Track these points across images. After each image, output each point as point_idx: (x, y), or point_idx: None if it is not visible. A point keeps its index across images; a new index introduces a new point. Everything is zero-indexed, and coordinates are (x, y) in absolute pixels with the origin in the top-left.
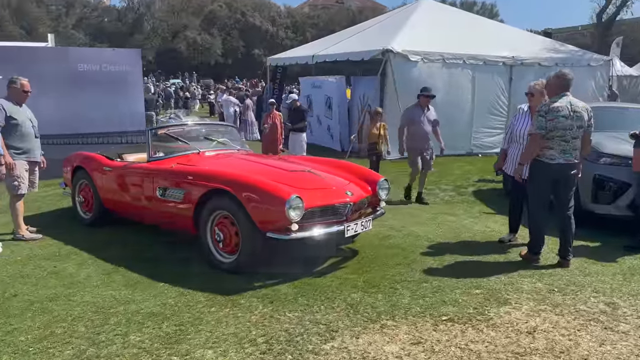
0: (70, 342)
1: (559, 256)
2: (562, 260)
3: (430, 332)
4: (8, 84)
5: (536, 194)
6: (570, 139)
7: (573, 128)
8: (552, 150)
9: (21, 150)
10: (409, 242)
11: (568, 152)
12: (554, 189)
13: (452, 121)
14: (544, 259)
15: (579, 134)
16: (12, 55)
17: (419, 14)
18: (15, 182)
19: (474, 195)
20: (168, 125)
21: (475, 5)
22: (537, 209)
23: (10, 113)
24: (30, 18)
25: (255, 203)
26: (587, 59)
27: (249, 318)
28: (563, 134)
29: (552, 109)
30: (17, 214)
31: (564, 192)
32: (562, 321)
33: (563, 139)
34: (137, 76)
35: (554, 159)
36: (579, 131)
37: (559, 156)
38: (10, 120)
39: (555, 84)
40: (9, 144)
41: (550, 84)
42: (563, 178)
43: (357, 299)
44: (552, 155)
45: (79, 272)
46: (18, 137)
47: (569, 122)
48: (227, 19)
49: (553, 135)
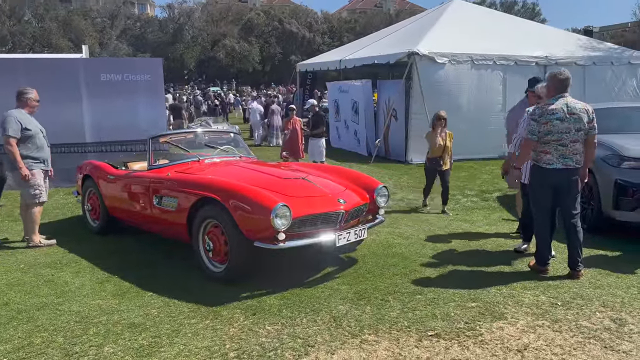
0: (46, 352)
1: (569, 267)
2: (572, 272)
3: (412, 349)
4: (20, 95)
5: (536, 201)
6: (568, 142)
7: (571, 131)
8: (550, 155)
9: (38, 160)
10: (413, 251)
11: (567, 156)
12: (555, 196)
13: (482, 124)
14: (555, 270)
15: (579, 137)
16: (39, 67)
17: (448, 15)
18: (36, 191)
19: (497, 201)
20: (170, 134)
21: (515, 4)
22: (539, 216)
23: (25, 124)
24: (77, 30)
25: (242, 211)
26: (627, 56)
27: (227, 331)
28: (559, 137)
29: (545, 112)
30: (34, 223)
31: (566, 199)
32: (559, 338)
33: (560, 143)
34: (159, 85)
35: (552, 164)
36: (579, 134)
37: (557, 161)
38: (25, 132)
39: (551, 85)
40: (25, 154)
41: (547, 85)
42: (563, 184)
43: (343, 311)
44: (549, 160)
45: (74, 280)
46: (34, 147)
47: (565, 125)
48: (264, 27)
49: (549, 140)
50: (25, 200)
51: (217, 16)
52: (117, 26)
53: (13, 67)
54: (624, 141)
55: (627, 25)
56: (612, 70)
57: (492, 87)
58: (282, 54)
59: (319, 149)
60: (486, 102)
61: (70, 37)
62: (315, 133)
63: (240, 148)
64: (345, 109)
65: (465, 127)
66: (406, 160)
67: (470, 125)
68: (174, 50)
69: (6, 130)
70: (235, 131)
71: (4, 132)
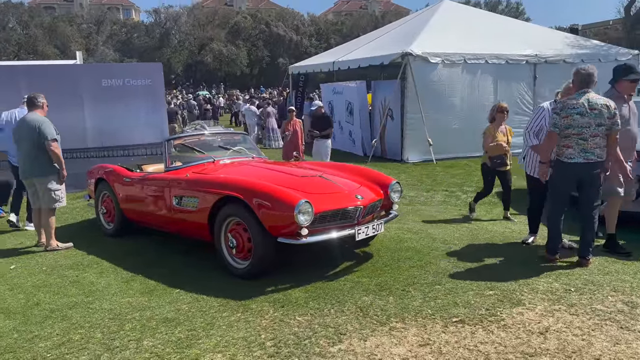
0: (87, 347)
1: (578, 255)
2: (581, 260)
3: (439, 334)
4: (35, 100)
5: (555, 193)
6: (588, 137)
7: (591, 126)
8: (571, 149)
9: None
10: (425, 245)
11: (589, 151)
12: (578, 188)
13: (475, 122)
14: (563, 259)
15: (599, 132)
16: (40, 74)
17: (439, 16)
18: (59, 195)
19: (497, 197)
20: (184, 136)
21: (500, 4)
22: (555, 208)
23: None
24: (63, 37)
25: (266, 209)
26: (613, 53)
27: (260, 322)
28: (580, 131)
29: (566, 106)
30: (52, 227)
31: (588, 191)
32: (577, 321)
33: (581, 137)
34: (159, 89)
35: (573, 158)
36: (599, 129)
37: (578, 155)
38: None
39: (575, 81)
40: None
41: (572, 80)
42: (585, 178)
43: (367, 302)
44: (571, 154)
45: (99, 280)
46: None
47: (585, 120)
48: (251, 30)
49: (569, 134)
50: (48, 205)
51: (203, 20)
52: (103, 32)
53: (13, 74)
54: None
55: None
56: (600, 67)
57: (484, 86)
58: (270, 57)
59: (325, 150)
60: (479, 101)
61: (56, 44)
62: (326, 134)
63: (251, 149)
64: (339, 110)
65: (459, 125)
66: (402, 159)
67: (464, 123)
68: (161, 54)
69: (49, 134)
70: (244, 133)
71: (46, 137)
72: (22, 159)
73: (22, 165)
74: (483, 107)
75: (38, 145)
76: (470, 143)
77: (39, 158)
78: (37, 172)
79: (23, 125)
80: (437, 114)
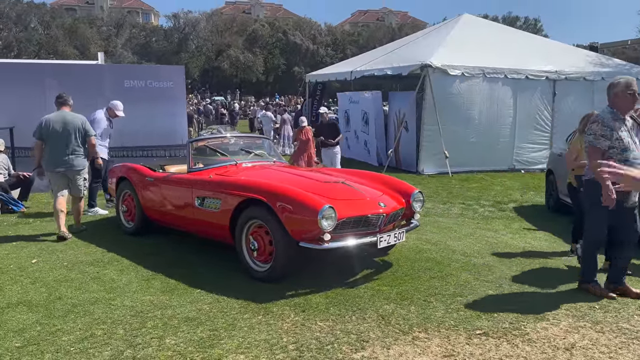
0: (109, 343)
1: (608, 280)
2: (609, 284)
3: (464, 346)
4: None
5: (597, 218)
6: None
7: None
8: None
9: None
10: (445, 256)
11: None
12: (617, 211)
13: (493, 136)
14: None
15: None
16: (64, 73)
17: (459, 29)
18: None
19: (514, 212)
20: (208, 138)
21: (518, 20)
22: (596, 234)
23: None
24: (83, 38)
25: (289, 213)
26: (635, 72)
27: (281, 325)
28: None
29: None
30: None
31: (629, 215)
32: (603, 338)
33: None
34: (181, 92)
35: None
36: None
37: None
38: None
39: None
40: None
41: None
42: (629, 200)
43: (389, 310)
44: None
45: (120, 277)
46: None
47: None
48: (268, 38)
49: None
50: (78, 194)
51: (222, 27)
52: (122, 35)
53: (39, 72)
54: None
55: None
56: None
57: (503, 101)
58: (286, 65)
59: (335, 157)
60: (497, 115)
61: (76, 45)
62: (337, 142)
63: (273, 153)
64: (355, 119)
65: (476, 139)
66: (417, 170)
67: (481, 137)
68: (179, 59)
69: (91, 130)
70: (266, 137)
71: (90, 132)
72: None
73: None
74: (502, 121)
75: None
76: (487, 157)
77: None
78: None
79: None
80: (454, 126)
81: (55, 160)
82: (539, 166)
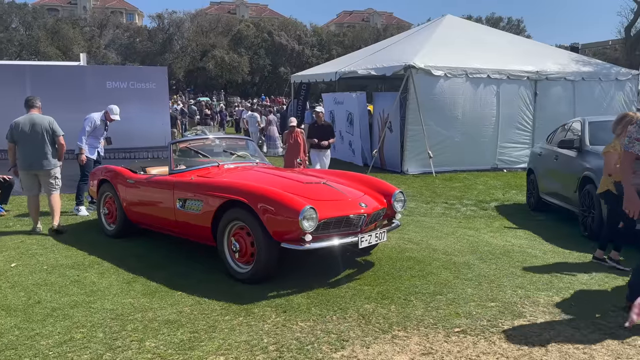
0: (89, 347)
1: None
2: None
3: (442, 344)
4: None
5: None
6: None
7: None
8: None
9: None
10: (426, 255)
11: None
12: None
13: (476, 136)
14: (563, 273)
15: None
16: (45, 74)
17: (442, 30)
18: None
19: (496, 210)
20: (190, 139)
21: (501, 20)
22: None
23: None
24: (66, 39)
25: (270, 214)
26: (614, 72)
27: (262, 327)
28: None
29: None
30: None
31: None
32: (578, 335)
33: None
34: (163, 93)
35: None
36: None
37: None
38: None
39: None
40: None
41: None
42: None
43: (369, 309)
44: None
45: (101, 280)
46: None
47: None
48: (254, 38)
49: None
50: (50, 193)
51: (206, 27)
52: (105, 35)
53: (20, 73)
54: None
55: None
56: (601, 86)
57: (485, 101)
58: (272, 66)
59: (324, 161)
60: (480, 115)
61: (59, 46)
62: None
63: (255, 154)
64: (340, 119)
65: (459, 139)
66: (402, 170)
67: (465, 137)
68: (163, 60)
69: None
70: (249, 138)
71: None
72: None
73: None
74: (485, 121)
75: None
76: (470, 156)
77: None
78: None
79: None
80: (438, 126)
81: (26, 161)
82: (521, 165)
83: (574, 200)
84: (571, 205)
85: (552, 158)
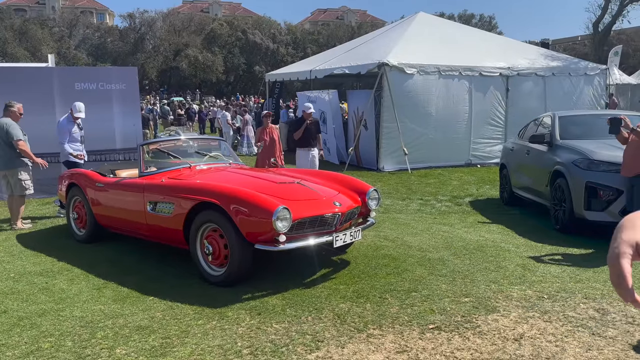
0: (57, 356)
1: None
2: None
3: (416, 341)
4: (6, 107)
5: None
6: None
7: None
8: None
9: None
10: (401, 252)
11: None
12: None
13: (449, 132)
14: (535, 267)
15: None
16: (12, 76)
17: (415, 28)
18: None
19: (470, 206)
20: (160, 140)
21: (473, 17)
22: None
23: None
24: (34, 40)
25: (243, 215)
26: (583, 67)
27: (236, 330)
28: None
29: None
30: (20, 210)
31: None
32: (550, 327)
33: None
34: (134, 94)
35: None
36: None
37: None
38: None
39: None
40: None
41: None
42: None
43: (345, 309)
44: None
45: (70, 287)
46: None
47: None
48: (228, 37)
49: None
50: (17, 193)
51: (179, 26)
52: (75, 35)
53: None
54: (592, 146)
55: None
56: (570, 80)
57: (458, 97)
58: (247, 65)
59: (314, 160)
60: (453, 112)
61: (27, 47)
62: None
63: (228, 155)
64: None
65: (433, 135)
66: (378, 168)
67: (439, 133)
68: (135, 60)
69: (13, 135)
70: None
71: (10, 137)
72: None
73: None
74: (458, 118)
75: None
76: (444, 153)
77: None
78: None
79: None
80: (412, 123)
81: None
82: (494, 160)
83: (546, 194)
84: (543, 199)
85: (524, 153)
